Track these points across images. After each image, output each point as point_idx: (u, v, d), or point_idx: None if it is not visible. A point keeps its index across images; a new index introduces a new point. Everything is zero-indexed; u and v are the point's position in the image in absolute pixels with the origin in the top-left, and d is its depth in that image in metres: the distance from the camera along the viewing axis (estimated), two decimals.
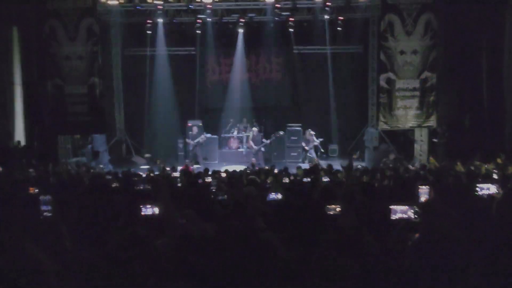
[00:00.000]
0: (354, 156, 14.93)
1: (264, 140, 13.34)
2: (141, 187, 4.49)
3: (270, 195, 3.99)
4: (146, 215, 3.12)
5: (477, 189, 3.63)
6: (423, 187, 3.08)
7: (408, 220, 2.69)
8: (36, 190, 4.97)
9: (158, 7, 13.01)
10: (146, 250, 2.32)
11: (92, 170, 10.98)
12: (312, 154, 13.54)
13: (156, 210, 2.91)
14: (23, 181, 6.84)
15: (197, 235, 2.34)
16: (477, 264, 1.99)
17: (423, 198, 3.04)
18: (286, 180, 7.21)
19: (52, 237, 2.22)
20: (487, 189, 3.92)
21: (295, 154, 14.13)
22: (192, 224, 2.88)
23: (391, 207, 2.73)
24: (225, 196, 3.96)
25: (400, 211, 2.73)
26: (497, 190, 3.84)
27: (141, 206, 3.12)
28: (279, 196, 3.89)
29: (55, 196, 3.50)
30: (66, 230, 2.63)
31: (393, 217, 2.72)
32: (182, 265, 2.15)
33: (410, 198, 3.09)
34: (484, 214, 2.71)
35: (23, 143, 12.60)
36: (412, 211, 2.75)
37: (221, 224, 2.25)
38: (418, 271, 1.87)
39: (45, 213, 3.29)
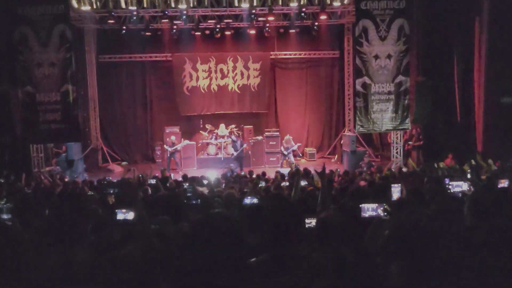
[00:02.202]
0: (332, 160, 15.12)
1: (238, 146, 13.28)
2: (111, 192, 4.41)
3: (246, 199, 3.99)
4: (119, 220, 3.08)
5: (449, 187, 3.73)
6: (395, 185, 3.12)
7: (377, 217, 2.72)
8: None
9: (134, 13, 12.89)
10: (118, 255, 2.28)
11: (66, 180, 10.72)
12: (291, 158, 13.61)
13: (131, 215, 2.87)
14: None
15: (170, 235, 2.31)
16: (449, 260, 2.02)
17: (395, 196, 3.08)
18: (263, 184, 7.22)
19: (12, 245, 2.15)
20: (459, 186, 4.03)
21: (274, 159, 14.21)
22: (166, 229, 2.84)
23: (361, 205, 2.76)
24: (199, 200, 3.94)
25: (371, 209, 2.75)
26: (469, 187, 3.95)
27: (116, 211, 3.08)
28: (255, 200, 3.90)
29: (21, 205, 3.40)
30: (29, 238, 2.56)
31: (363, 215, 2.74)
32: (157, 268, 2.12)
33: (383, 197, 3.12)
34: (456, 211, 2.76)
35: None
36: (382, 208, 2.78)
37: (194, 223, 2.23)
38: (389, 268, 1.89)
39: (5, 222, 3.19)
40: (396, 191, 3.05)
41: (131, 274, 2.19)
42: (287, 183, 6.88)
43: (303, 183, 7.05)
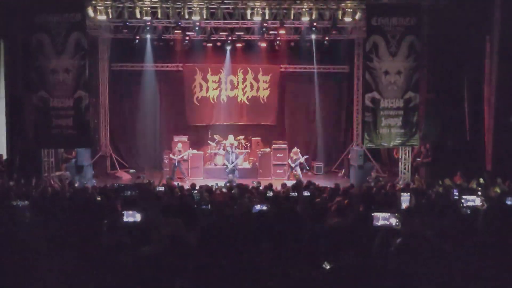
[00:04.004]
0: (339, 174, 15.10)
1: (234, 159, 13.23)
2: (127, 194, 4.47)
3: (256, 206, 4.05)
4: (128, 222, 3.14)
5: (463, 201, 3.73)
6: (405, 194, 3.15)
7: (389, 226, 2.75)
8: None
9: (148, 23, 13.13)
10: (129, 255, 2.33)
11: (75, 185, 10.84)
12: (298, 171, 13.62)
13: (138, 216, 2.92)
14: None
15: (182, 241, 2.36)
16: (458, 269, 2.05)
17: (404, 205, 3.11)
18: (270, 194, 7.30)
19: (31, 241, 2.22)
20: (473, 201, 4.04)
21: (281, 171, 14.23)
22: (178, 232, 2.89)
23: (374, 214, 2.79)
24: (208, 205, 4.01)
25: (382, 218, 2.79)
26: (482, 202, 3.96)
27: (123, 212, 3.14)
28: (264, 207, 3.96)
29: (36, 205, 3.47)
30: (45, 236, 2.62)
31: (376, 223, 2.78)
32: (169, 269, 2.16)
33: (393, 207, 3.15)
34: (469, 224, 2.79)
35: (5, 156, 12.39)
36: (394, 218, 2.81)
37: (204, 231, 2.27)
38: (400, 275, 1.92)
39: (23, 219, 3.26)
40: (405, 200, 3.09)
41: (146, 275, 2.23)
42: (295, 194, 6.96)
43: (306, 193, 7.16)
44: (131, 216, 3.30)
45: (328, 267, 2.05)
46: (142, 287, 2.22)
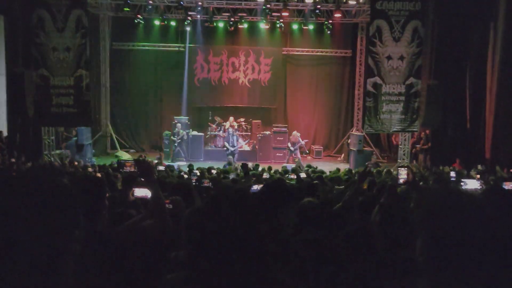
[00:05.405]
0: (338, 159, 15.18)
1: (235, 142, 13.22)
2: (127, 170, 4.54)
3: (253, 187, 4.15)
4: (136, 198, 3.22)
5: (461, 184, 3.80)
6: (402, 168, 3.21)
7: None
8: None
9: (149, 1, 13.00)
10: (136, 228, 2.39)
11: (75, 163, 10.91)
12: (297, 155, 13.67)
13: (148, 192, 2.99)
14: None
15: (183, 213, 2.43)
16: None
17: (401, 180, 3.16)
18: (267, 175, 7.39)
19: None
20: (471, 184, 4.11)
21: (281, 154, 14.28)
22: (179, 209, 2.96)
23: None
24: (210, 184, 4.09)
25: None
26: (480, 185, 4.02)
27: (133, 188, 3.22)
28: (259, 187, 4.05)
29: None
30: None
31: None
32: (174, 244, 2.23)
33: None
34: (467, 208, 2.83)
35: (5, 134, 12.42)
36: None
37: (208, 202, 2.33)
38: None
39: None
40: (403, 174, 3.14)
41: (148, 248, 2.29)
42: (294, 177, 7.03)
43: (302, 175, 7.23)
44: (140, 193, 3.37)
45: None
46: (137, 255, 2.29)
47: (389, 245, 2.16)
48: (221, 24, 14.53)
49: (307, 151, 15.13)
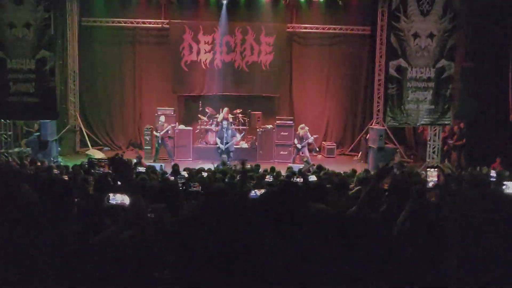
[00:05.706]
0: (354, 158, 15.21)
1: (229, 137, 13.20)
2: (100, 171, 4.57)
3: (252, 192, 4.18)
4: (111, 205, 3.24)
5: (503, 187, 3.83)
6: (431, 169, 3.24)
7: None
8: None
9: None
10: (112, 242, 2.40)
11: (38, 163, 10.92)
12: (306, 153, 13.69)
13: (125, 198, 3.00)
14: None
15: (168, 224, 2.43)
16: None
17: (431, 183, 3.20)
18: (270, 179, 7.42)
19: None
20: None
21: (285, 153, 14.28)
22: (162, 218, 2.97)
23: None
24: (200, 188, 4.12)
25: None
26: None
27: (109, 194, 3.24)
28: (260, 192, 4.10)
29: None
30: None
31: None
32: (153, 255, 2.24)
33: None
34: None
35: None
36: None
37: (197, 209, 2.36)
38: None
39: None
40: (433, 176, 3.16)
41: (126, 261, 2.31)
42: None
43: (312, 179, 7.27)
44: (117, 199, 3.40)
45: None
46: (117, 275, 2.30)
47: (414, 261, 2.17)
48: None
49: (317, 149, 15.14)
